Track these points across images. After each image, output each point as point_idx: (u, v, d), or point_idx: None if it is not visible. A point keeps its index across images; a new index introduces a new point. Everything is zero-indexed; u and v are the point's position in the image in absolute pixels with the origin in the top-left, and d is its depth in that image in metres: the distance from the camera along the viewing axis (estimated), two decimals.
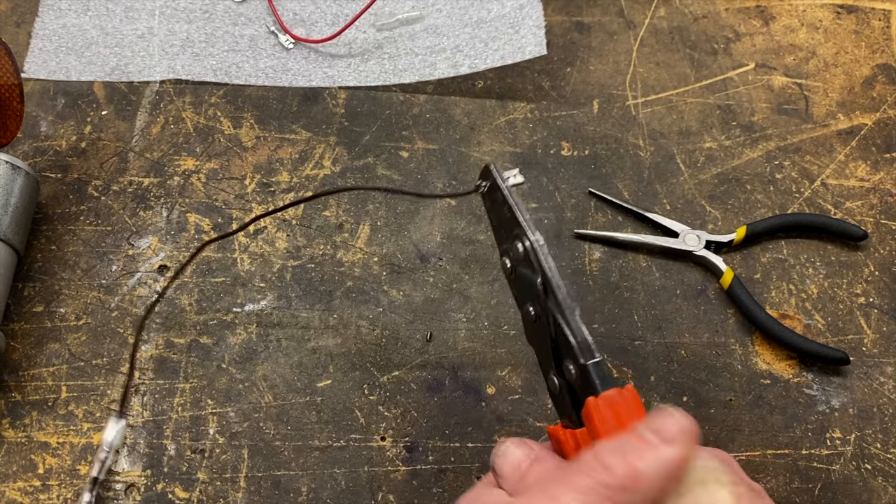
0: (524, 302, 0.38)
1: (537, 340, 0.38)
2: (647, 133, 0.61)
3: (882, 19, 0.67)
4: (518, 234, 0.37)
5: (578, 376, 0.35)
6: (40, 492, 0.46)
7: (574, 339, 0.35)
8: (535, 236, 0.37)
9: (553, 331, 0.36)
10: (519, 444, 0.36)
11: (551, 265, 0.36)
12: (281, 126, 0.60)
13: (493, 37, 0.63)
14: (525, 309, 0.38)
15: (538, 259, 0.36)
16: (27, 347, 0.50)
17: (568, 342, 0.35)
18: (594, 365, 0.34)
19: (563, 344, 0.35)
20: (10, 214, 0.50)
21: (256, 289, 0.53)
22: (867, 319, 0.53)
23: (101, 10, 0.64)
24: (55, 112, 0.59)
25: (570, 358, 0.35)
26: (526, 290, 0.37)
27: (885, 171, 0.59)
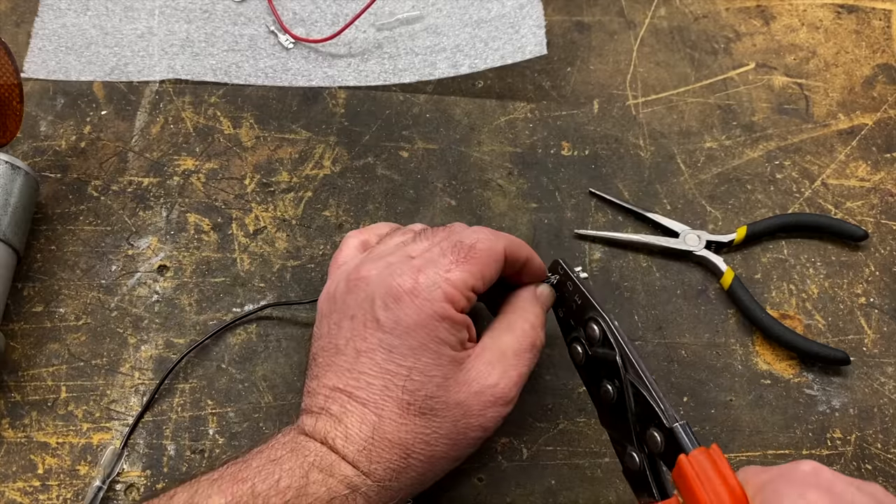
0: (601, 382, 0.41)
1: (614, 419, 0.41)
2: (647, 133, 0.61)
3: (882, 19, 0.67)
4: (593, 318, 0.41)
5: (664, 441, 0.37)
6: (40, 492, 0.46)
7: (659, 406, 0.37)
8: (611, 319, 0.41)
9: (633, 403, 0.39)
10: None
11: (627, 342, 0.40)
12: (281, 126, 0.60)
13: (493, 36, 0.63)
14: (603, 388, 0.41)
15: (617, 338, 0.40)
16: (27, 347, 0.50)
17: (652, 410, 0.37)
18: (681, 426, 0.36)
19: (647, 413, 0.38)
20: (10, 214, 0.50)
21: (256, 289, 0.53)
22: (868, 319, 0.53)
23: (101, 9, 0.64)
24: (55, 112, 0.59)
25: (655, 425, 0.37)
26: (603, 370, 0.41)
27: (886, 171, 0.59)
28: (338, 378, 0.39)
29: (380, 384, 0.38)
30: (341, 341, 0.40)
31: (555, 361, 0.51)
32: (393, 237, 0.44)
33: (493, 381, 0.40)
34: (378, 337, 0.39)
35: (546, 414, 0.50)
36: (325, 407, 0.39)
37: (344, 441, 0.38)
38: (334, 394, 0.39)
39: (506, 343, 0.41)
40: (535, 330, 0.43)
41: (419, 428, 0.38)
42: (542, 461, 0.48)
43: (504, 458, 0.48)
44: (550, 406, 0.50)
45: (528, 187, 0.58)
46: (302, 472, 0.37)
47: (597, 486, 0.47)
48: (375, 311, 0.39)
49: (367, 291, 0.40)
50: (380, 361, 0.39)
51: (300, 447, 0.38)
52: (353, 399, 0.39)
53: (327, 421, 0.39)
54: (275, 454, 0.38)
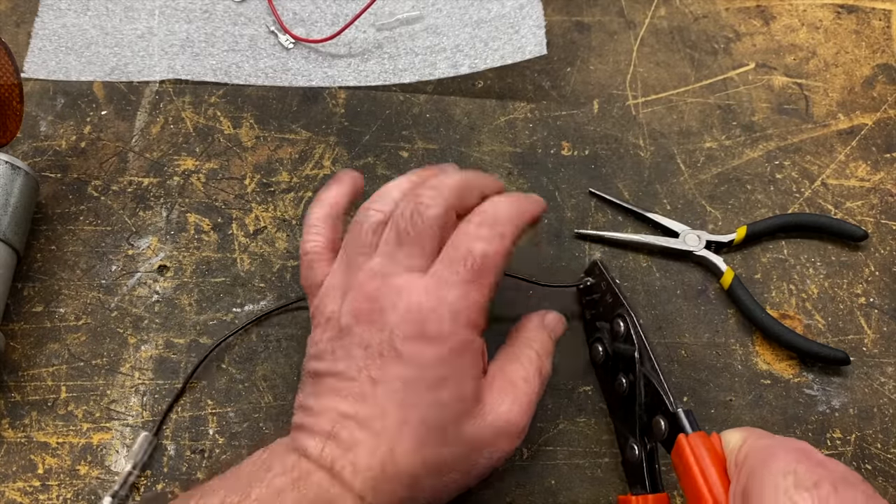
0: (617, 376, 0.45)
1: (623, 412, 0.45)
2: (647, 133, 0.61)
3: (882, 19, 0.67)
4: (620, 314, 0.45)
5: (668, 427, 0.40)
6: (40, 492, 0.46)
7: (667, 394, 0.41)
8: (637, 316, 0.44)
9: (643, 394, 0.42)
10: None
11: (645, 337, 0.43)
12: (281, 126, 0.60)
13: (493, 37, 0.63)
14: (618, 381, 0.45)
15: (639, 332, 0.44)
16: (27, 347, 0.50)
17: (660, 398, 0.41)
18: (685, 411, 0.39)
19: (655, 403, 0.41)
20: (10, 214, 0.50)
21: (256, 289, 0.53)
22: (867, 319, 0.53)
23: (101, 9, 0.64)
24: (55, 112, 0.59)
25: (661, 412, 0.40)
26: (621, 364, 0.45)
27: (886, 171, 0.59)
28: (348, 405, 0.37)
29: (397, 416, 0.37)
30: (353, 370, 0.38)
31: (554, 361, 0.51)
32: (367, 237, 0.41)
33: (505, 410, 0.39)
34: (398, 370, 0.37)
35: (546, 414, 0.50)
36: (332, 433, 0.37)
37: (352, 472, 0.36)
38: (344, 420, 0.37)
39: (514, 371, 0.41)
40: (541, 358, 0.42)
41: (431, 461, 0.37)
42: (542, 461, 0.48)
43: None
44: (550, 406, 0.50)
45: (528, 187, 0.58)
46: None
47: (597, 486, 0.47)
48: (396, 344, 0.37)
49: (383, 322, 0.38)
50: (397, 393, 0.37)
51: (303, 478, 0.36)
52: (365, 428, 0.37)
53: (335, 449, 0.37)
54: (276, 483, 0.36)
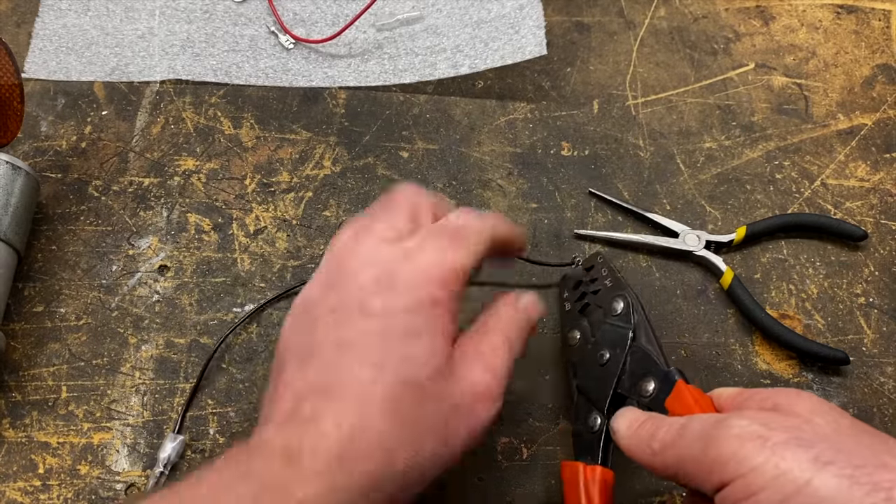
0: (597, 352, 0.45)
1: (595, 384, 0.44)
2: (647, 133, 0.61)
3: (882, 19, 0.67)
4: (620, 295, 0.46)
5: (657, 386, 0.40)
6: (40, 492, 0.46)
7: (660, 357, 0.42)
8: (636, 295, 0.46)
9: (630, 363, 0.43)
10: None
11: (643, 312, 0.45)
12: (281, 126, 0.60)
13: (493, 37, 0.63)
14: (599, 355, 0.45)
15: (640, 307, 0.45)
16: (27, 347, 0.50)
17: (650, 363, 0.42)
18: (677, 369, 0.40)
19: (643, 368, 0.42)
20: (11, 214, 0.50)
21: (257, 289, 0.53)
22: (867, 319, 0.53)
23: (102, 10, 0.64)
24: (55, 112, 0.59)
25: (650, 374, 0.41)
26: (607, 341, 0.45)
27: (885, 171, 0.59)
28: (314, 375, 0.35)
29: (367, 375, 0.34)
30: (319, 336, 0.36)
31: (555, 361, 0.51)
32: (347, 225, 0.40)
33: (478, 375, 0.37)
34: (367, 325, 0.35)
35: (546, 414, 0.50)
36: (293, 413, 0.34)
37: (312, 452, 0.32)
38: (306, 395, 0.34)
39: (481, 342, 0.39)
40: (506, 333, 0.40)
41: (407, 426, 0.34)
42: (542, 461, 0.48)
43: (504, 458, 0.48)
44: (550, 406, 0.50)
45: (527, 187, 0.58)
46: (251, 497, 0.32)
47: None
48: (365, 298, 0.35)
49: (353, 282, 0.36)
50: (369, 350, 0.34)
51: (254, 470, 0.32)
52: (331, 397, 0.34)
53: (295, 429, 0.33)
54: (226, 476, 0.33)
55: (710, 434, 0.33)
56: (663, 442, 0.35)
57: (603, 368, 0.44)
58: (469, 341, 0.39)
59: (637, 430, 0.37)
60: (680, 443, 0.34)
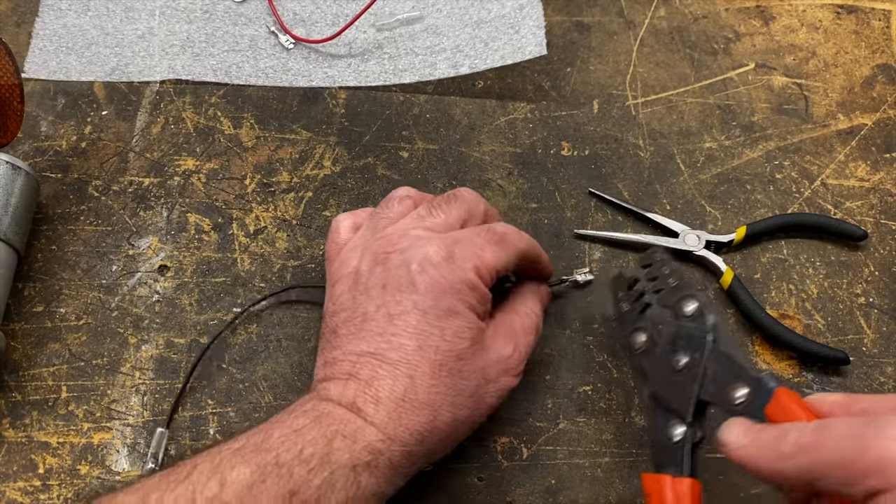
0: (673, 356, 0.42)
1: (673, 390, 0.41)
2: (647, 133, 0.61)
3: (882, 19, 0.67)
4: (690, 295, 0.43)
5: (752, 392, 0.38)
6: (40, 492, 0.46)
7: (747, 362, 0.40)
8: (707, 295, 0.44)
9: (713, 368, 0.40)
10: None
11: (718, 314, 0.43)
12: (281, 126, 0.60)
13: (493, 37, 0.63)
14: (675, 360, 0.42)
15: (712, 311, 0.42)
16: (27, 347, 0.50)
17: (737, 368, 0.39)
18: (769, 373, 0.38)
19: (730, 373, 0.39)
20: (11, 214, 0.50)
21: (256, 289, 0.53)
22: (867, 319, 0.53)
23: (102, 10, 0.64)
24: (55, 112, 0.59)
25: (742, 380, 0.38)
26: (682, 343, 0.42)
27: (885, 171, 0.59)
28: (367, 343, 0.40)
29: (414, 344, 0.40)
30: (371, 308, 0.41)
31: (554, 362, 0.51)
32: (394, 207, 0.45)
33: (508, 353, 0.43)
34: (413, 299, 0.40)
35: (546, 414, 0.50)
36: (352, 372, 0.40)
37: (374, 405, 0.39)
38: (363, 358, 0.40)
39: (515, 322, 0.45)
40: (538, 315, 0.47)
41: (448, 389, 0.40)
42: (542, 461, 0.48)
43: (504, 458, 0.48)
44: (550, 406, 0.50)
45: (528, 187, 0.58)
46: (325, 440, 0.37)
47: (597, 486, 0.47)
48: (412, 275, 0.41)
49: (402, 259, 0.41)
50: (414, 322, 0.40)
51: (324, 416, 0.39)
52: (385, 361, 0.40)
53: (356, 386, 0.39)
54: (297, 423, 0.38)
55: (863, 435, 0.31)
56: (798, 444, 0.33)
57: (680, 374, 0.41)
58: (500, 321, 0.45)
59: (758, 437, 0.35)
60: (822, 445, 0.33)
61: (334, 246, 0.46)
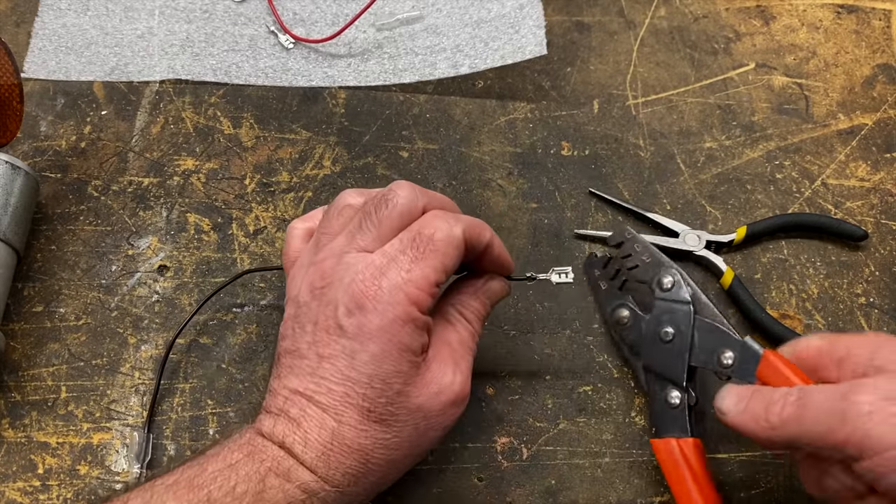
0: (659, 328, 0.47)
1: (664, 360, 0.46)
2: (647, 133, 0.61)
3: (882, 19, 0.67)
4: (665, 271, 0.47)
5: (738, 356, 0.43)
6: (40, 492, 0.46)
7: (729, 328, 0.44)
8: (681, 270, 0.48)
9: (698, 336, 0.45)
10: None
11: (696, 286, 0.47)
12: (281, 126, 0.60)
13: (493, 37, 0.63)
14: (663, 333, 0.46)
15: (690, 283, 0.47)
16: (27, 347, 0.50)
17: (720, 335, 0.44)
18: (752, 338, 0.42)
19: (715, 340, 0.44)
20: (10, 214, 0.50)
21: (256, 289, 0.53)
22: (867, 320, 0.53)
23: (101, 9, 0.64)
24: (55, 112, 0.59)
25: (728, 346, 0.43)
26: (666, 316, 0.46)
27: (886, 171, 0.59)
28: (299, 381, 0.39)
29: (341, 391, 0.38)
30: (303, 345, 0.40)
31: (554, 362, 0.51)
32: (332, 219, 0.42)
33: (449, 381, 0.40)
34: (341, 344, 0.38)
35: (546, 414, 0.50)
36: (284, 409, 0.39)
37: (303, 446, 0.38)
38: (294, 396, 0.39)
39: (451, 337, 0.42)
40: (473, 323, 0.43)
41: (379, 434, 0.38)
42: (542, 461, 0.48)
43: (504, 458, 0.48)
44: (550, 406, 0.50)
45: (528, 187, 0.58)
46: (258, 477, 0.37)
47: (597, 486, 0.47)
48: (339, 318, 0.38)
49: (330, 297, 0.39)
50: (342, 368, 0.38)
51: (257, 451, 0.38)
52: (313, 403, 0.38)
53: (286, 424, 0.38)
54: (232, 458, 0.38)
55: (838, 410, 0.35)
56: (782, 417, 0.37)
57: (669, 345, 0.46)
58: (437, 338, 0.41)
59: (748, 407, 0.39)
60: (803, 418, 0.36)
61: (286, 259, 0.45)
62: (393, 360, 0.38)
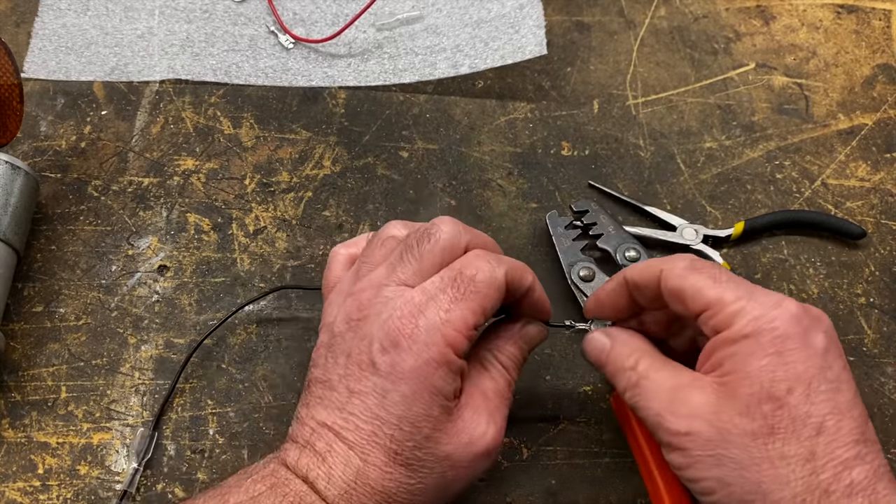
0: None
1: None
2: (647, 133, 0.61)
3: (882, 19, 0.67)
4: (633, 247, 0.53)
5: None
6: (40, 492, 0.46)
7: None
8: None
9: None
10: None
11: None
12: (281, 126, 0.60)
13: (493, 37, 0.63)
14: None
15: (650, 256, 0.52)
16: (27, 347, 0.50)
17: None
18: None
19: None
20: (10, 214, 0.50)
21: (256, 289, 0.53)
22: (867, 320, 0.53)
23: (101, 9, 0.64)
24: (55, 112, 0.59)
25: None
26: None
27: (886, 171, 0.59)
28: (327, 413, 0.38)
29: (368, 429, 0.37)
30: (335, 377, 0.39)
31: (555, 362, 0.51)
32: (375, 250, 0.41)
33: (481, 431, 0.38)
34: (372, 381, 0.37)
35: (546, 414, 0.50)
36: (310, 441, 0.38)
37: (326, 482, 0.37)
38: (321, 429, 0.38)
39: (486, 385, 0.40)
40: (510, 371, 0.42)
41: (404, 478, 0.37)
42: (542, 461, 0.48)
43: (504, 458, 0.48)
44: (550, 406, 0.50)
45: (528, 187, 0.58)
46: None
47: (597, 486, 0.47)
48: (373, 354, 0.37)
49: (366, 331, 0.38)
50: (371, 406, 0.37)
51: (280, 484, 0.37)
52: (340, 439, 0.38)
53: (311, 458, 0.38)
54: (255, 489, 0.37)
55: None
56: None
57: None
58: (471, 386, 0.40)
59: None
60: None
61: (326, 283, 0.44)
62: (424, 403, 0.37)
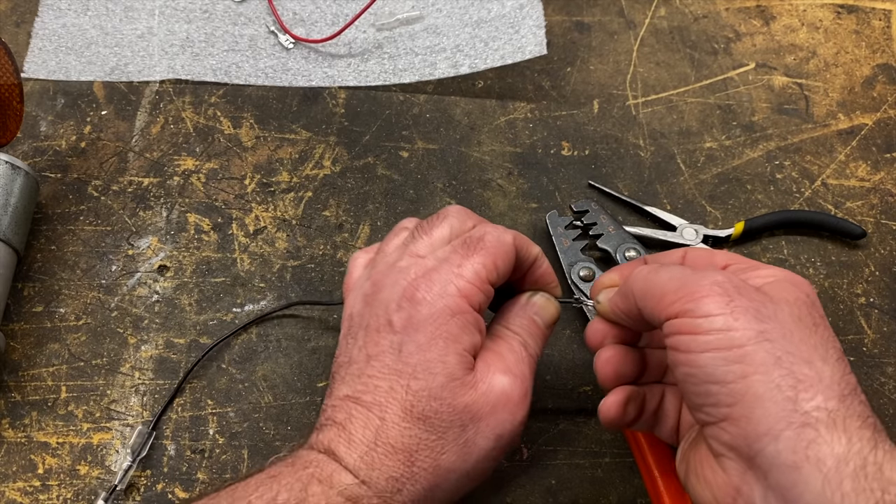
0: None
1: None
2: (647, 133, 0.61)
3: (882, 19, 0.67)
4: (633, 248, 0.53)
5: None
6: (40, 492, 0.46)
7: None
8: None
9: None
10: None
11: None
12: (281, 126, 0.60)
13: (493, 37, 0.63)
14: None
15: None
16: (27, 347, 0.50)
17: None
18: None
19: None
20: (10, 214, 0.50)
21: (256, 289, 0.53)
22: (867, 319, 0.53)
23: (101, 9, 0.64)
24: (55, 112, 0.59)
25: None
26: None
27: (886, 171, 0.59)
28: (347, 386, 0.39)
29: (386, 385, 0.37)
30: (355, 351, 0.39)
31: (555, 361, 0.51)
32: (389, 241, 0.43)
33: (498, 381, 0.38)
34: (389, 339, 0.38)
35: (546, 414, 0.50)
36: (332, 417, 0.38)
37: (346, 447, 0.37)
38: (342, 402, 0.38)
39: (500, 347, 0.41)
40: (522, 336, 0.42)
41: (423, 434, 0.37)
42: (542, 461, 0.48)
43: (504, 458, 0.48)
44: (550, 406, 0.50)
45: (528, 187, 0.58)
46: (301, 485, 0.36)
47: (597, 486, 0.47)
48: (389, 314, 0.38)
49: (381, 299, 0.39)
50: (388, 363, 0.38)
51: (299, 460, 0.37)
52: (359, 404, 0.38)
53: (332, 429, 0.38)
54: (274, 470, 0.37)
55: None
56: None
57: None
58: (489, 351, 0.40)
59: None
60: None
61: (346, 287, 0.44)
62: (439, 350, 0.37)
